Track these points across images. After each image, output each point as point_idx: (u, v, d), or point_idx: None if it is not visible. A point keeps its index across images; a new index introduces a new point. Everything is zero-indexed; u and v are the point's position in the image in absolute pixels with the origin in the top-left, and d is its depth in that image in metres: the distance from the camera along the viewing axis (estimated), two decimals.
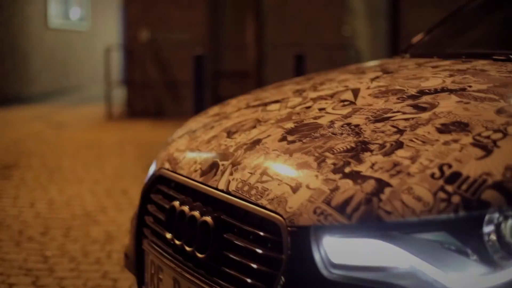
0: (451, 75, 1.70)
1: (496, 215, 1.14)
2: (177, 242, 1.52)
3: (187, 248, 1.47)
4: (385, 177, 1.22)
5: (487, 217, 1.14)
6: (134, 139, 6.85)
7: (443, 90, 1.57)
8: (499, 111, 1.37)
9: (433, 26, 2.48)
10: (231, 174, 1.47)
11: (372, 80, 1.79)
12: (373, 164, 1.27)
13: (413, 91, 1.59)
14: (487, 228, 1.14)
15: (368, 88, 1.71)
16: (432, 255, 1.15)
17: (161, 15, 9.38)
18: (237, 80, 9.00)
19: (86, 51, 13.10)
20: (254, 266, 1.31)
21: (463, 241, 1.16)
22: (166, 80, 9.22)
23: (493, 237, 1.14)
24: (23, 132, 7.17)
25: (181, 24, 9.29)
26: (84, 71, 13.08)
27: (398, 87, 1.66)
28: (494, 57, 1.88)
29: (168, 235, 1.57)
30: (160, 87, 9.24)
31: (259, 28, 7.36)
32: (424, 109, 1.46)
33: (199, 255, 1.43)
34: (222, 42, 9.52)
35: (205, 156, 1.63)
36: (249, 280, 1.31)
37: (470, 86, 1.56)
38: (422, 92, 1.57)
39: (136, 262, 1.76)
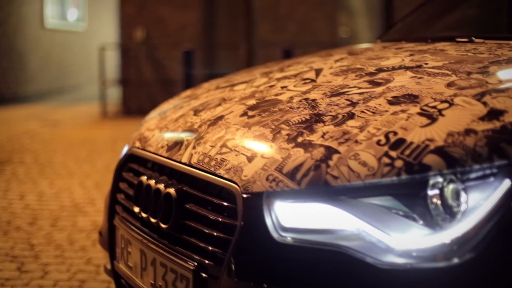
0: (411, 55, 1.75)
1: (439, 179, 1.19)
2: (143, 215, 1.58)
3: (152, 220, 1.53)
4: (334, 144, 1.28)
5: (430, 181, 1.19)
6: (127, 136, 6.88)
7: (400, 67, 1.62)
8: (449, 85, 1.42)
9: (406, 14, 2.54)
10: (194, 148, 1.53)
11: (337, 61, 1.85)
12: (324, 134, 1.32)
13: (372, 69, 1.65)
14: (430, 192, 1.19)
15: (331, 67, 1.77)
16: (377, 218, 1.20)
17: (156, 15, 9.45)
18: None
19: (83, 51, 13.16)
20: (213, 233, 1.36)
21: (407, 205, 1.21)
22: (160, 78, 9.28)
23: (436, 200, 1.19)
24: (17, 130, 7.22)
25: (175, 24, 9.35)
26: (81, 71, 13.14)
27: (358, 66, 1.71)
28: (457, 39, 1.93)
29: (136, 209, 1.62)
30: (155, 85, 9.30)
31: (249, 26, 7.40)
32: (379, 84, 1.51)
33: (162, 225, 1.49)
34: (216, 41, 9.57)
35: (172, 133, 1.69)
36: (208, 247, 1.36)
37: (426, 64, 1.62)
38: (380, 70, 1.63)
39: (108, 238, 1.82)
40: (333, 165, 1.24)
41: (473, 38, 1.90)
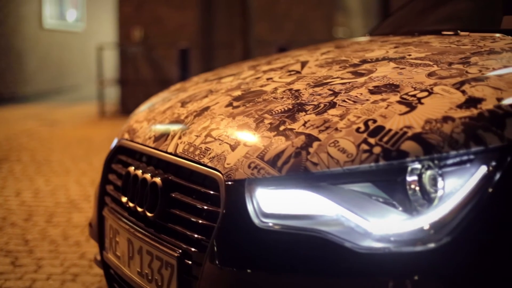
0: (395, 47, 1.78)
1: (416, 165, 1.21)
2: (131, 204, 1.60)
3: (139, 209, 1.55)
4: (314, 132, 1.30)
5: (408, 167, 1.21)
6: None
7: (384, 59, 1.65)
8: (430, 74, 1.45)
9: (395, 9, 2.56)
10: (179, 138, 1.55)
11: (323, 53, 1.87)
12: (305, 122, 1.35)
13: (356, 61, 1.67)
14: (408, 178, 1.21)
15: (316, 60, 1.79)
16: (356, 204, 1.23)
17: (154, 15, 9.48)
18: None
19: (81, 51, 13.19)
20: (197, 221, 1.38)
21: (386, 191, 1.23)
22: (158, 78, 9.31)
23: (414, 186, 1.21)
24: (16, 129, 7.25)
25: (173, 24, 9.38)
26: (79, 72, 13.17)
27: (343, 58, 1.74)
28: (443, 32, 1.96)
29: (124, 199, 1.65)
30: (153, 85, 9.33)
31: (245, 24, 7.43)
32: (361, 75, 1.53)
33: (149, 214, 1.51)
34: (214, 41, 9.60)
35: (159, 124, 1.71)
36: (192, 235, 1.38)
37: (409, 55, 1.64)
38: (364, 61, 1.65)
39: (98, 229, 1.84)
40: (313, 152, 1.26)
41: (459, 31, 1.93)
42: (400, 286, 1.17)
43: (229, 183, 1.32)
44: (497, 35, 1.82)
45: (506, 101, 1.26)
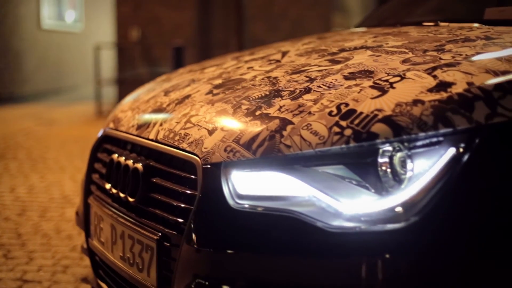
0: (375, 37, 1.81)
1: (386, 147, 1.24)
2: (114, 191, 1.63)
3: (121, 195, 1.58)
4: (289, 116, 1.33)
5: (378, 149, 1.25)
6: None
7: (361, 47, 1.68)
8: (404, 61, 1.48)
9: (381, 3, 2.59)
10: (161, 125, 1.58)
11: (304, 44, 1.91)
12: (280, 107, 1.38)
13: (335, 50, 1.71)
14: (379, 159, 1.25)
15: (297, 50, 1.82)
16: (328, 185, 1.26)
17: (151, 15, 9.52)
18: None
19: (80, 52, 13.22)
20: (176, 204, 1.41)
21: (358, 173, 1.26)
22: (155, 77, 9.34)
23: (384, 167, 1.24)
24: (13, 128, 7.28)
25: (170, 23, 9.42)
26: (78, 72, 13.21)
27: (323, 48, 1.77)
28: (423, 23, 1.99)
29: (107, 186, 1.68)
30: None
31: (239, 23, 7.46)
32: (338, 62, 1.57)
33: (130, 199, 1.54)
34: (211, 40, 9.64)
35: (142, 113, 1.74)
36: (171, 218, 1.41)
37: (387, 44, 1.67)
38: (342, 50, 1.69)
39: (84, 217, 1.87)
40: (287, 135, 1.29)
41: (439, 22, 1.96)
42: (370, 264, 1.20)
43: (206, 166, 1.35)
44: (475, 25, 1.85)
45: (476, 85, 1.29)
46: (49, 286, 2.48)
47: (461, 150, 1.23)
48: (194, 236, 1.32)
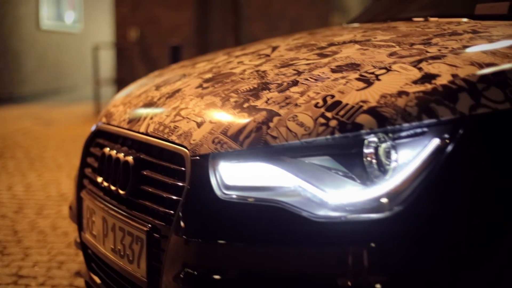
0: (364, 32, 1.83)
1: (371, 137, 1.26)
2: (105, 184, 1.65)
3: (112, 188, 1.60)
4: (275, 108, 1.35)
5: (363, 140, 1.26)
6: None
7: (350, 41, 1.70)
8: (391, 54, 1.49)
9: (376, 1, 2.61)
10: (151, 118, 1.60)
11: (295, 39, 1.92)
12: (268, 99, 1.40)
13: (323, 44, 1.72)
14: (363, 150, 1.26)
15: (287, 45, 1.84)
16: (314, 175, 1.27)
17: (150, 15, 9.54)
18: None
19: (79, 52, 13.24)
20: (165, 196, 1.43)
21: (343, 163, 1.28)
22: None
23: (369, 158, 1.26)
24: (11, 128, 7.30)
25: (169, 24, 9.44)
26: (77, 72, 13.23)
27: (312, 42, 1.79)
28: (413, 18, 2.00)
29: (99, 179, 1.69)
30: None
31: (236, 21, 7.48)
32: (326, 56, 1.58)
33: (121, 192, 1.56)
34: (209, 40, 9.66)
35: (134, 107, 1.76)
36: (160, 209, 1.43)
37: (375, 38, 1.69)
38: (331, 44, 1.70)
39: (77, 211, 1.89)
40: (273, 127, 1.31)
41: (428, 18, 1.98)
42: (355, 252, 1.22)
43: (194, 158, 1.37)
44: (464, 19, 1.87)
45: (461, 77, 1.31)
46: (44, 281, 2.49)
47: (445, 140, 1.24)
48: (182, 227, 1.34)
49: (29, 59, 11.24)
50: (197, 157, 1.36)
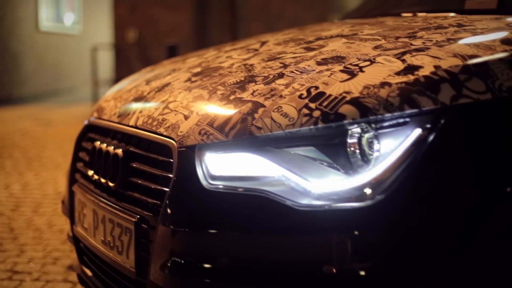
0: (352, 26, 1.85)
1: (354, 128, 1.28)
2: (96, 177, 1.67)
3: (103, 180, 1.62)
4: (261, 100, 1.37)
5: (347, 131, 1.28)
6: None
7: (337, 36, 1.72)
8: (376, 47, 1.52)
9: None
10: (140, 112, 1.62)
11: (284, 34, 1.94)
12: (254, 91, 1.42)
13: (311, 38, 1.74)
14: (347, 140, 1.28)
15: (276, 39, 1.86)
16: (297, 165, 1.29)
17: (148, 16, 9.57)
18: None
19: (78, 54, 13.28)
20: (153, 187, 1.45)
21: (327, 153, 1.30)
22: None
23: (352, 147, 1.28)
24: (10, 129, 7.32)
25: (167, 24, 9.47)
26: (76, 74, 13.26)
27: (301, 37, 1.81)
28: (402, 14, 2.02)
29: (90, 172, 1.71)
30: None
31: (233, 20, 7.51)
32: (313, 49, 1.60)
33: (111, 184, 1.58)
34: (208, 40, 9.68)
35: (124, 101, 1.78)
36: (148, 200, 1.45)
37: (362, 32, 1.71)
38: (318, 38, 1.72)
39: (69, 205, 1.91)
40: (258, 118, 1.33)
41: (417, 13, 2.00)
42: (338, 240, 1.23)
43: (181, 149, 1.39)
44: (451, 14, 1.89)
45: (443, 68, 1.33)
46: (39, 276, 2.51)
47: (426, 130, 1.26)
48: (169, 217, 1.36)
49: (28, 60, 11.26)
50: (184, 149, 1.38)
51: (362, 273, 1.23)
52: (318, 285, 1.24)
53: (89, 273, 1.81)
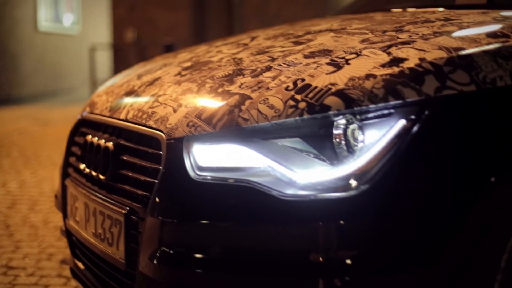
0: (341, 21, 1.86)
1: (340, 119, 1.29)
2: (87, 170, 1.69)
3: (94, 173, 1.64)
4: (248, 92, 1.39)
5: (332, 122, 1.30)
6: None
7: (326, 30, 1.74)
8: (363, 41, 1.53)
9: None
10: (131, 105, 1.64)
11: (274, 30, 1.96)
12: (241, 84, 1.43)
13: (300, 33, 1.76)
14: (332, 131, 1.30)
15: (266, 34, 1.88)
16: (283, 156, 1.31)
17: (146, 16, 9.60)
18: None
19: (77, 54, 13.30)
20: (142, 179, 1.47)
21: (313, 144, 1.31)
22: None
23: (337, 138, 1.29)
24: (8, 128, 7.34)
25: (165, 24, 9.49)
26: (75, 74, 13.28)
27: (291, 32, 1.83)
28: (392, 9, 2.04)
29: (82, 166, 1.73)
30: None
31: (230, 19, 7.53)
32: (301, 43, 1.62)
33: (101, 177, 1.60)
34: (205, 41, 9.71)
35: (116, 95, 1.80)
36: (138, 192, 1.47)
37: (350, 26, 1.73)
38: (307, 33, 1.74)
39: (62, 199, 1.93)
40: (245, 109, 1.35)
41: (407, 9, 2.01)
42: (323, 230, 1.25)
43: (170, 141, 1.40)
44: (440, 9, 1.90)
45: (428, 60, 1.34)
46: (33, 272, 2.53)
47: (410, 121, 1.28)
48: (157, 208, 1.37)
49: (27, 61, 11.29)
50: (172, 140, 1.40)
51: (348, 261, 1.24)
52: (304, 273, 1.26)
53: (81, 266, 1.83)
